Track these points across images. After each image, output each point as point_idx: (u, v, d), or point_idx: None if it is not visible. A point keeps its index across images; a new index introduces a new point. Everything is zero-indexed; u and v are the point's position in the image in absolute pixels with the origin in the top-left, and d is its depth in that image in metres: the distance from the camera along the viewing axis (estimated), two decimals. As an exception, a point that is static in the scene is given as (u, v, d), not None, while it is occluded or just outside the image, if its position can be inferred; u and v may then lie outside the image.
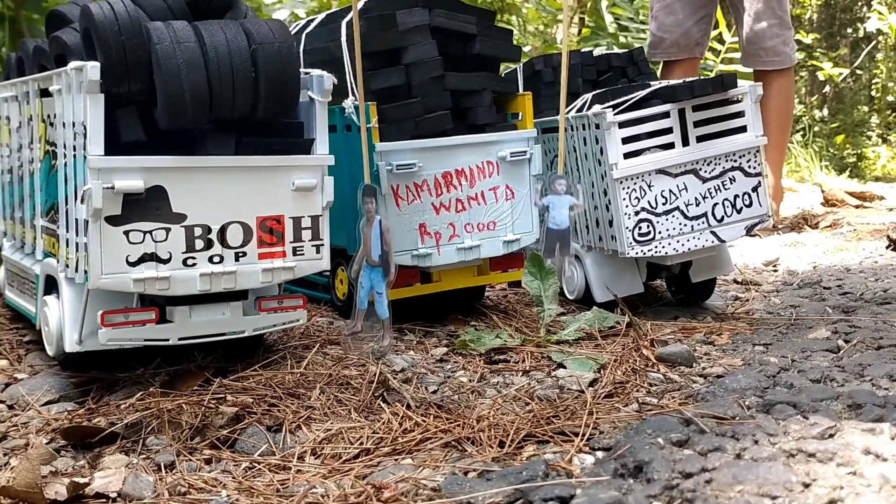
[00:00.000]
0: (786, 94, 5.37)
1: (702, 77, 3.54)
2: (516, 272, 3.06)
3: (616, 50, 4.07)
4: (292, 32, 2.77)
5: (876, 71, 13.82)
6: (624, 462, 1.62)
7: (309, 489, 1.60)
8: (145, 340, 2.23)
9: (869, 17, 12.49)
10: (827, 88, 14.20)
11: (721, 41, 8.65)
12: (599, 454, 1.76)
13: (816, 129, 12.84)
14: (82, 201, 2.03)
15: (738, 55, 8.36)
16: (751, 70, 5.42)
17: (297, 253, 2.29)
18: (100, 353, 2.29)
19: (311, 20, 3.22)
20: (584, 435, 1.85)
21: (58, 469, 1.76)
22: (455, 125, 2.88)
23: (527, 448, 1.85)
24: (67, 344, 2.24)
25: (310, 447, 1.85)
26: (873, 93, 13.98)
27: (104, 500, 1.57)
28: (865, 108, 13.58)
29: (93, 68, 1.98)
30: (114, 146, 2.06)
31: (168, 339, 2.22)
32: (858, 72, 13.93)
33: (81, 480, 1.58)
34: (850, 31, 14.36)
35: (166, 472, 1.73)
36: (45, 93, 2.40)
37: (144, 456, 1.85)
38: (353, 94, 2.75)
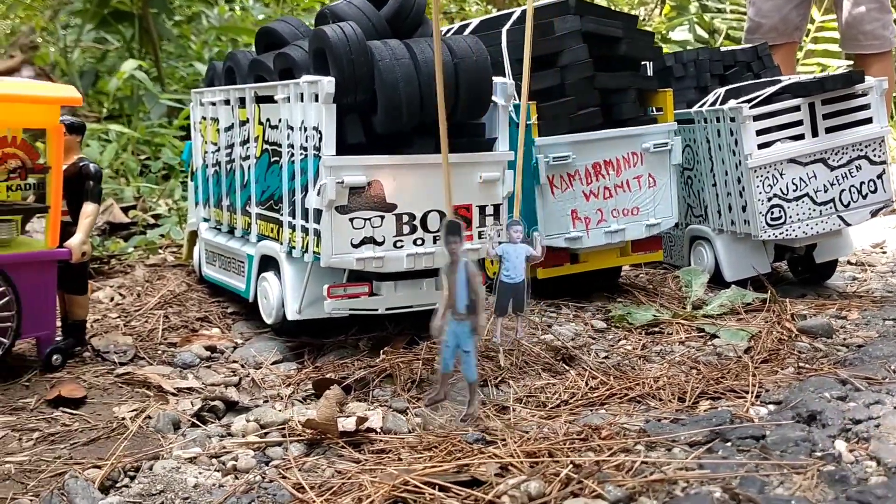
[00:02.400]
0: (885, 77, 5.47)
1: (831, 73, 3.75)
2: (655, 254, 3.37)
3: (740, 46, 4.29)
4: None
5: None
6: (798, 412, 1.93)
7: (541, 427, 1.95)
8: (352, 310, 2.61)
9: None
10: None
11: (811, 20, 8.69)
12: (771, 407, 2.07)
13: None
14: (318, 193, 2.42)
15: (827, 34, 8.43)
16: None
17: (482, 236, 2.65)
18: (309, 321, 2.70)
19: (465, 25, 3.56)
20: (752, 392, 2.17)
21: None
22: (602, 120, 3.20)
23: (702, 403, 2.17)
24: (289, 313, 2.65)
25: (516, 398, 2.22)
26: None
27: (373, 433, 1.95)
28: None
29: (329, 82, 2.36)
30: (338, 147, 2.44)
31: (377, 310, 2.61)
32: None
33: (362, 415, 1.97)
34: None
35: (410, 415, 2.11)
36: (260, 99, 2.81)
37: (377, 404, 2.24)
38: (516, 95, 3.09)
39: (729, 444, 1.79)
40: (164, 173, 5.24)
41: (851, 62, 7.75)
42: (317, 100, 2.42)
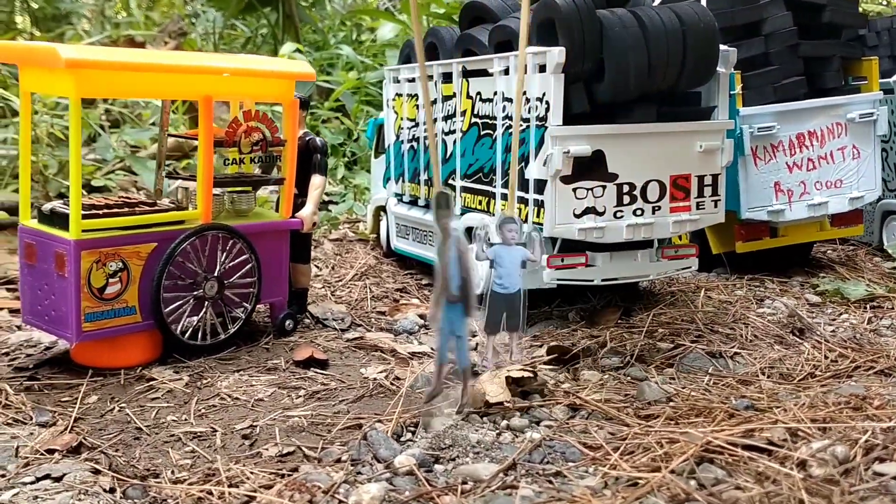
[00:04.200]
0: None
1: None
2: (856, 228, 3.26)
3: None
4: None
5: None
6: None
7: (813, 396, 1.92)
8: (564, 280, 2.62)
9: None
10: None
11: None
12: None
13: None
14: (544, 164, 2.44)
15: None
16: None
17: (700, 207, 2.62)
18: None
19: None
20: None
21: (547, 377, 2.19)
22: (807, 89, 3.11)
23: (957, 377, 2.10)
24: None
25: (758, 369, 2.19)
26: None
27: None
28: None
29: (560, 52, 2.38)
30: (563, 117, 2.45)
31: (593, 280, 2.62)
32: None
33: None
34: None
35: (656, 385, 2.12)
36: (468, 73, 2.85)
37: (610, 374, 2.24)
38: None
39: None
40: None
41: None
42: (541, 70, 2.43)
